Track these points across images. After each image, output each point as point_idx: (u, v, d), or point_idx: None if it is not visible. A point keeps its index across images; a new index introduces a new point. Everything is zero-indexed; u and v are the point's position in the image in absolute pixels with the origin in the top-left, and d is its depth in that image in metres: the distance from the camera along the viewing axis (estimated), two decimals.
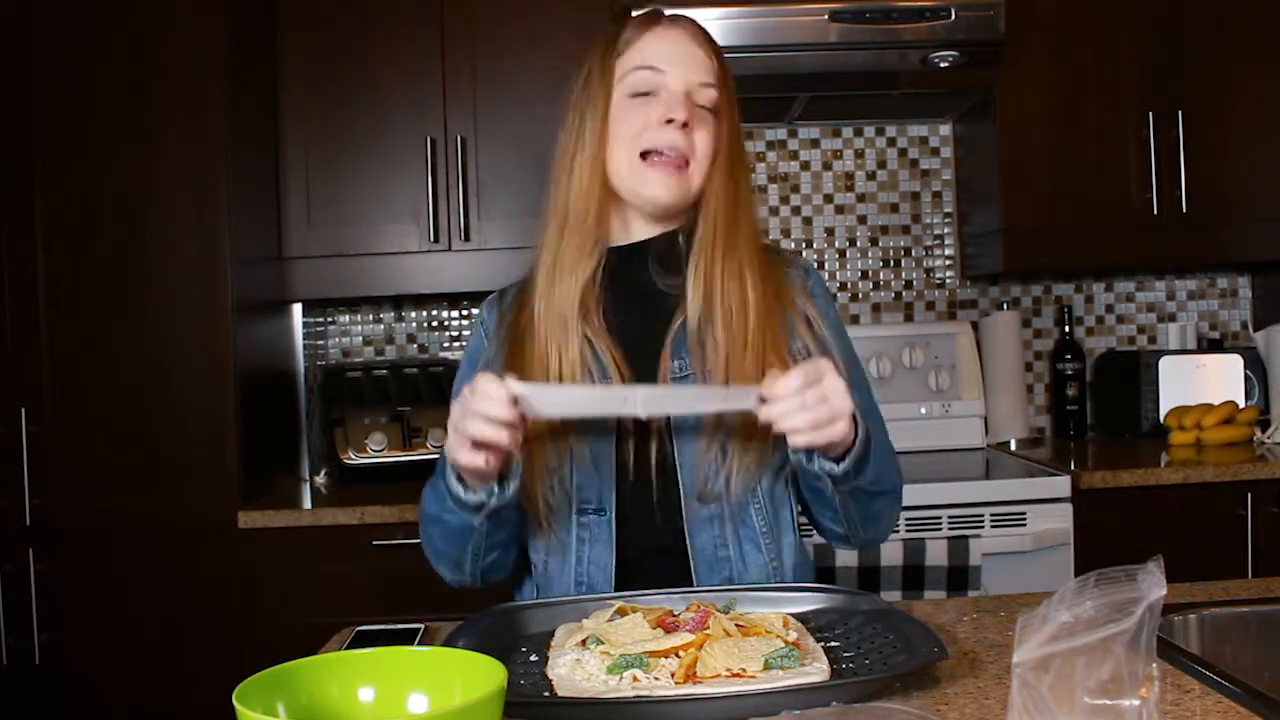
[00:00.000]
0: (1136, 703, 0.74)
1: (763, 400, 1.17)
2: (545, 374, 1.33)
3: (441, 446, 2.52)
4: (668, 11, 1.40)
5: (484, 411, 1.15)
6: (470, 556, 1.32)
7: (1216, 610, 1.24)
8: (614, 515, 1.33)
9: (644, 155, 1.33)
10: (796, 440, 1.18)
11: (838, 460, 1.23)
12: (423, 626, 1.25)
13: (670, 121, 1.31)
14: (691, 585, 1.32)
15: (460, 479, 1.23)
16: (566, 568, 1.35)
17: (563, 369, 1.32)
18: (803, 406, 1.15)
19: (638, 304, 1.37)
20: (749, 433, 1.30)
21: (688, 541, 1.33)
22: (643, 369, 1.33)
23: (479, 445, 1.16)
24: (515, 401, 1.15)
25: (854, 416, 1.20)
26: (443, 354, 3.02)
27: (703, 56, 1.36)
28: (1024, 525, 2.33)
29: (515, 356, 1.36)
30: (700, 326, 1.34)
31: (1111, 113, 2.73)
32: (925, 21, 2.49)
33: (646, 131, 1.33)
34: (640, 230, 1.40)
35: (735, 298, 1.33)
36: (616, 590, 1.31)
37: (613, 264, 1.38)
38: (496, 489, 1.22)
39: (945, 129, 3.09)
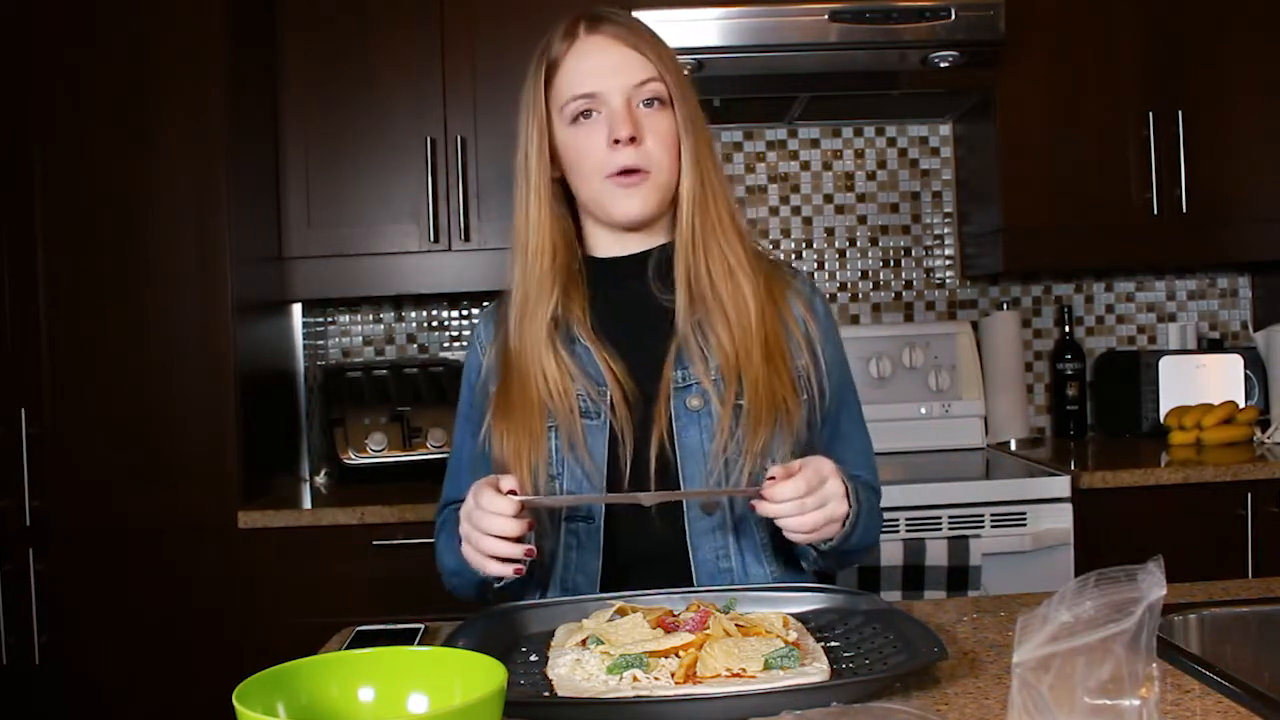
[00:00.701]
0: (1136, 703, 0.74)
1: (763, 498, 1.20)
2: (531, 396, 1.32)
3: (441, 447, 2.55)
4: (592, 15, 1.35)
5: (495, 530, 1.18)
6: (494, 593, 1.34)
7: (1216, 610, 1.24)
8: (603, 523, 1.32)
9: (608, 178, 1.31)
10: (792, 537, 1.23)
11: (824, 540, 1.26)
12: (423, 626, 1.25)
13: (617, 142, 1.29)
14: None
15: None
16: (553, 573, 1.35)
17: (553, 398, 1.31)
18: (802, 510, 1.19)
19: (638, 317, 1.36)
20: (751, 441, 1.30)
21: (690, 552, 1.32)
22: (645, 383, 1.32)
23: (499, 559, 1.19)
24: (522, 507, 1.18)
25: (848, 494, 1.23)
26: (443, 354, 3.02)
27: (634, 55, 1.32)
28: (1024, 525, 2.33)
29: (505, 375, 1.36)
30: (696, 330, 1.32)
31: (1111, 113, 2.73)
32: (925, 21, 2.49)
33: (601, 157, 1.30)
34: (634, 242, 1.38)
35: (729, 294, 1.32)
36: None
37: (607, 276, 1.37)
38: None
39: (945, 129, 3.09)
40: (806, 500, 1.18)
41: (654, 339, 1.34)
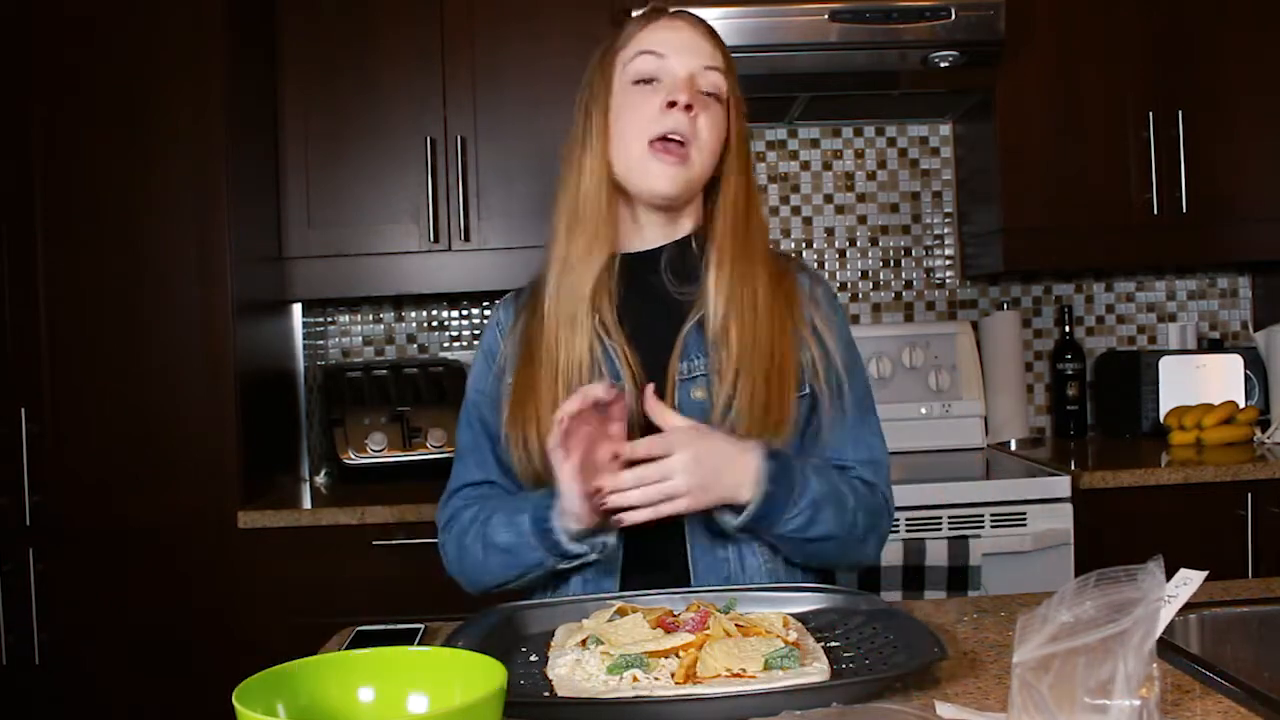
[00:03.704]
0: (1136, 703, 0.74)
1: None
2: (554, 373, 1.33)
3: (441, 447, 2.55)
4: (671, 9, 1.40)
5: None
6: (517, 581, 1.35)
7: (1216, 610, 1.24)
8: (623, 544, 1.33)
9: (651, 144, 1.32)
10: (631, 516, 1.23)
11: (736, 512, 1.27)
12: (423, 626, 1.25)
13: (673, 105, 1.31)
14: (689, 583, 1.32)
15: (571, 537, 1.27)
16: (569, 585, 1.36)
17: (569, 367, 1.32)
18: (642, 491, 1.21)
19: (651, 309, 1.37)
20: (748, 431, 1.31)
21: (687, 541, 1.33)
22: (654, 373, 1.33)
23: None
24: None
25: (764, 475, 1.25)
26: (443, 354, 3.01)
27: (706, 45, 1.37)
28: (1024, 525, 2.33)
29: (526, 359, 1.37)
30: (720, 328, 1.33)
31: (1111, 113, 2.73)
32: (925, 21, 2.49)
33: (651, 119, 1.32)
34: (654, 236, 1.40)
35: (749, 300, 1.33)
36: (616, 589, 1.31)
37: (627, 270, 1.38)
38: (603, 544, 1.27)
39: (945, 129, 3.09)
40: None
41: (664, 331, 1.35)
